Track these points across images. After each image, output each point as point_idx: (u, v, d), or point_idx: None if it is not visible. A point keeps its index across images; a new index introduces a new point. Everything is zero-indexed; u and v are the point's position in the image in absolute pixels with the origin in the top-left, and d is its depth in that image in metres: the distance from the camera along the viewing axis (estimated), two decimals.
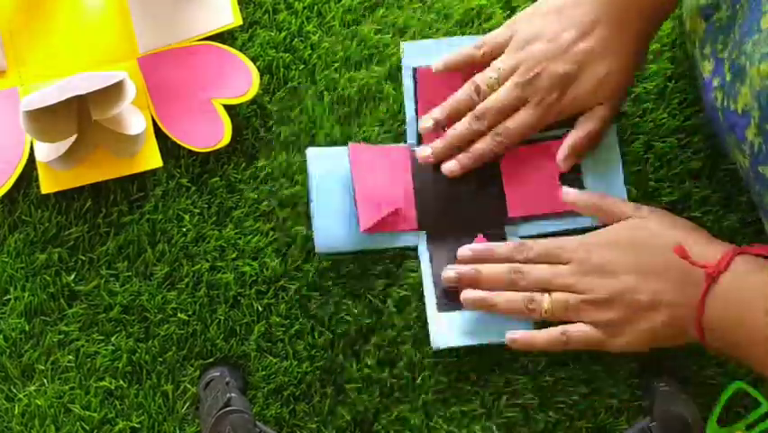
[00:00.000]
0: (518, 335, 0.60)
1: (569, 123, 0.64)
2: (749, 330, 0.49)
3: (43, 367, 0.64)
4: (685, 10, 0.68)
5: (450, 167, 0.64)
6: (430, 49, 0.66)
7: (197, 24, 0.66)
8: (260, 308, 0.65)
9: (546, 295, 0.58)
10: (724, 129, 0.59)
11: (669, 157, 0.68)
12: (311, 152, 0.65)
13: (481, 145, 0.63)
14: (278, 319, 0.65)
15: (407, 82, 0.66)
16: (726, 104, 0.57)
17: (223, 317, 0.65)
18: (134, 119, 0.63)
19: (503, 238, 0.64)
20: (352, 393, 0.65)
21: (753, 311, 0.48)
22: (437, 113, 0.64)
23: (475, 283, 0.61)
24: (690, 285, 0.51)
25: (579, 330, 0.58)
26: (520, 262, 0.59)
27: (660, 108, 0.69)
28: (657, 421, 0.62)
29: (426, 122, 0.64)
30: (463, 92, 0.63)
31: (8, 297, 0.65)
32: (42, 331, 0.65)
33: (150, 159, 0.65)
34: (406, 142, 0.67)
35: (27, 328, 0.65)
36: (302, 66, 0.68)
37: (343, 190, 0.65)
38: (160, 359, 0.65)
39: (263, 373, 0.65)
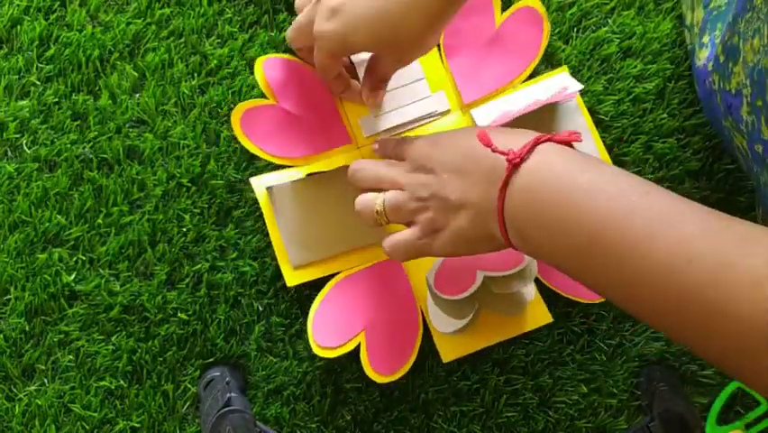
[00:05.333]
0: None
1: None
2: (550, 224, 0.42)
3: (44, 367, 0.64)
4: (684, 3, 0.68)
5: None
6: None
7: None
8: (260, 308, 0.65)
9: (381, 195, 0.54)
10: (722, 114, 0.59)
11: (668, 157, 0.68)
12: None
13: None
14: (278, 319, 0.65)
15: None
16: (722, 85, 0.57)
17: (223, 317, 0.65)
18: (529, 287, 0.64)
19: None
20: (352, 393, 0.65)
21: (555, 204, 0.42)
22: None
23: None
24: (495, 180, 0.45)
25: (401, 237, 0.53)
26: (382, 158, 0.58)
27: (659, 108, 0.69)
28: (657, 421, 0.62)
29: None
30: None
31: (8, 297, 0.65)
32: (43, 331, 0.65)
33: (540, 316, 0.65)
34: None
35: (27, 328, 0.65)
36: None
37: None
38: (161, 359, 0.65)
39: (263, 372, 0.65)
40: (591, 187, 0.41)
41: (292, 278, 0.64)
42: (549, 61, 0.69)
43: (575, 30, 0.70)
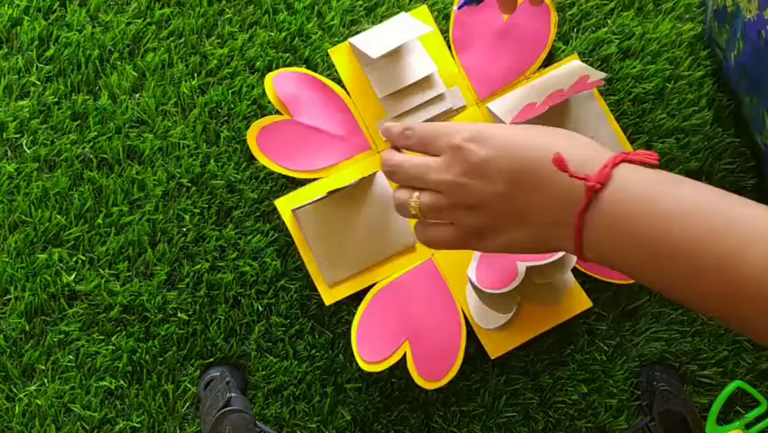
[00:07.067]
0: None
1: None
2: (636, 248, 0.42)
3: (44, 367, 0.64)
4: None
5: None
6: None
7: None
8: (260, 308, 0.65)
9: (415, 194, 0.49)
10: None
11: (668, 157, 0.68)
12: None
13: None
14: (278, 319, 0.65)
15: None
16: None
17: (223, 317, 0.65)
18: (568, 274, 0.63)
19: None
20: (352, 393, 0.65)
21: (641, 229, 0.41)
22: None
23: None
24: (569, 205, 0.43)
25: (439, 235, 0.50)
26: (403, 148, 0.51)
27: (659, 108, 0.69)
28: (657, 421, 0.62)
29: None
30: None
31: (8, 297, 0.65)
32: (43, 331, 0.65)
33: (579, 303, 0.64)
34: None
35: (27, 328, 0.65)
36: (303, 66, 0.68)
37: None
38: (161, 359, 0.65)
39: (263, 372, 0.65)
40: (678, 209, 0.41)
41: (329, 296, 0.64)
42: (550, 62, 0.69)
43: (575, 30, 0.70)
